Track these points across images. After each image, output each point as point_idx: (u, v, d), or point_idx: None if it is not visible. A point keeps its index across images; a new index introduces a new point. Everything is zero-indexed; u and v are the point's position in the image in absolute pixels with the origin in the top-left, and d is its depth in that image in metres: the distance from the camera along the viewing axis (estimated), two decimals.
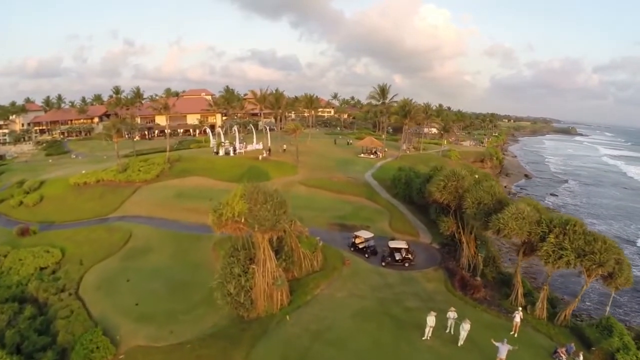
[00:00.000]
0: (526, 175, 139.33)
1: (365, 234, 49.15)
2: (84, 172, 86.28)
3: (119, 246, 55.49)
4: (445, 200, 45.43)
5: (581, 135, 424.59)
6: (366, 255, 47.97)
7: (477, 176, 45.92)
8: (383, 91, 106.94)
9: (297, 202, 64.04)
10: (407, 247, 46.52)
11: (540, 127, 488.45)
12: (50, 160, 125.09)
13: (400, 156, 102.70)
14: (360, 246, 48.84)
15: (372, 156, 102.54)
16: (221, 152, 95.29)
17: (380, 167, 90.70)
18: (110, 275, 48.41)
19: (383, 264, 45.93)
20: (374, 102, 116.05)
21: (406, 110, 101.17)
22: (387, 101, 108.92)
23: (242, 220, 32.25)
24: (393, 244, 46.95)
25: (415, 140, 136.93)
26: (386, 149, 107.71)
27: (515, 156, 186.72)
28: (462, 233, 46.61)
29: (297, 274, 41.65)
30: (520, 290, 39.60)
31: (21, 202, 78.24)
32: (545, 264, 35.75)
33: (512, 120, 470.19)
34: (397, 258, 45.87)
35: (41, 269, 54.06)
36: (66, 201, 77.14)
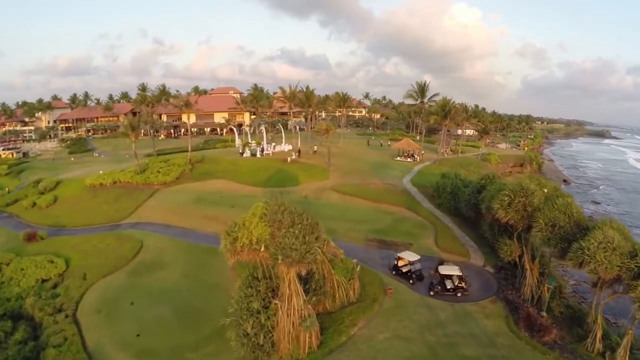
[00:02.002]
0: (565, 181, 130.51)
1: (410, 256, 41.37)
2: (101, 172, 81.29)
3: (128, 259, 49.46)
4: (510, 220, 37.34)
5: (615, 138, 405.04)
6: (411, 282, 40.32)
7: (546, 190, 37.70)
8: (422, 89, 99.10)
9: (328, 212, 57.31)
10: (460, 274, 38.76)
11: (574, 129, 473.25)
12: (72, 159, 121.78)
13: (439, 160, 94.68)
14: (404, 270, 41.20)
15: (409, 159, 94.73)
16: (247, 153, 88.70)
17: (419, 171, 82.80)
18: (113, 295, 42.39)
19: (431, 293, 38.32)
20: (411, 101, 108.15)
21: (446, 110, 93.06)
22: (425, 100, 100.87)
23: (262, 248, 25.39)
24: (444, 270, 39.22)
25: (453, 143, 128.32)
26: (423, 152, 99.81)
27: (552, 160, 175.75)
28: (525, 258, 38.78)
29: (330, 306, 34.14)
30: (599, 334, 31.76)
31: (34, 204, 74.24)
32: None
33: (545, 123, 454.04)
34: (448, 287, 38.22)
35: (43, 280, 49.32)
36: (80, 204, 72.14)
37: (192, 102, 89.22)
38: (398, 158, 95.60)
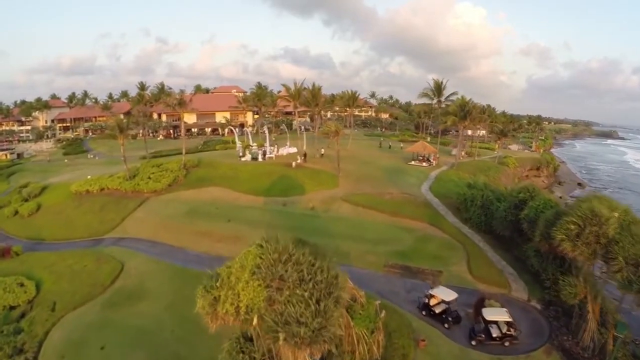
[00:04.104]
0: (579, 184, 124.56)
1: (445, 294, 33.36)
2: (89, 177, 73.93)
3: (104, 286, 41.97)
4: (579, 255, 29.29)
5: (622, 139, 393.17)
6: (446, 326, 32.68)
7: (616, 214, 29.74)
8: (439, 88, 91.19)
9: (339, 229, 49.79)
10: (509, 319, 30.86)
11: (581, 130, 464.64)
12: (66, 160, 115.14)
13: (457, 164, 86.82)
14: (437, 310, 33.45)
15: (424, 164, 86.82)
16: (247, 157, 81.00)
17: (437, 178, 74.69)
18: (81, 335, 34.90)
19: (473, 342, 30.67)
20: (425, 100, 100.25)
21: (465, 110, 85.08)
22: (442, 99, 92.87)
23: (255, 320, 17.70)
24: (489, 315, 31.24)
25: (468, 145, 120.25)
26: (438, 155, 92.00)
27: (563, 161, 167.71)
28: (588, 298, 30.98)
29: None
30: None
31: (16, 212, 67.10)
32: None
33: (552, 123, 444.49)
34: (493, 335, 30.56)
35: (10, 308, 41.80)
36: (63, 213, 65.03)
37: (187, 100, 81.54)
38: (412, 162, 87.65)
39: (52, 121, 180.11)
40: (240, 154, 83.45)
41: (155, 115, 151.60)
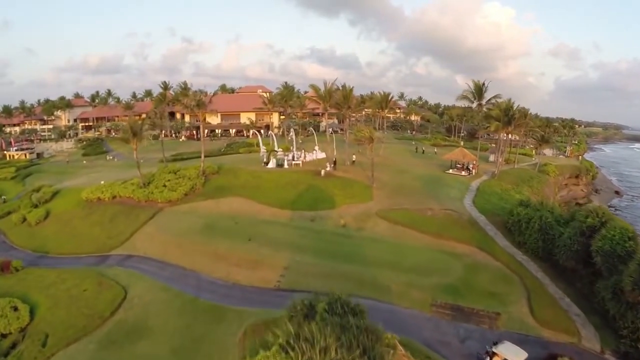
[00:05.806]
0: (617, 192, 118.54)
1: (510, 352, 26.49)
2: (102, 182, 68.72)
3: (103, 317, 36.24)
4: None
5: None
6: None
7: None
8: (479, 90, 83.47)
9: (376, 253, 43.27)
10: None
11: (612, 133, 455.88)
12: (84, 162, 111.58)
13: (498, 173, 79.27)
14: None
15: (463, 173, 79.52)
16: (271, 164, 74.71)
17: (479, 189, 67.08)
18: None
19: None
20: (464, 103, 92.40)
21: (510, 115, 77.61)
22: (483, 102, 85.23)
23: None
24: None
25: (507, 151, 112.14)
26: (478, 164, 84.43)
27: (598, 168, 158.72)
28: None
29: None
30: None
31: (24, 219, 62.57)
32: None
33: (583, 126, 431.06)
34: None
35: (2, 335, 36.77)
36: (71, 223, 60.23)
37: (206, 101, 75.65)
38: (450, 171, 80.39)
39: (75, 120, 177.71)
40: (265, 160, 77.15)
41: (178, 116, 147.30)
